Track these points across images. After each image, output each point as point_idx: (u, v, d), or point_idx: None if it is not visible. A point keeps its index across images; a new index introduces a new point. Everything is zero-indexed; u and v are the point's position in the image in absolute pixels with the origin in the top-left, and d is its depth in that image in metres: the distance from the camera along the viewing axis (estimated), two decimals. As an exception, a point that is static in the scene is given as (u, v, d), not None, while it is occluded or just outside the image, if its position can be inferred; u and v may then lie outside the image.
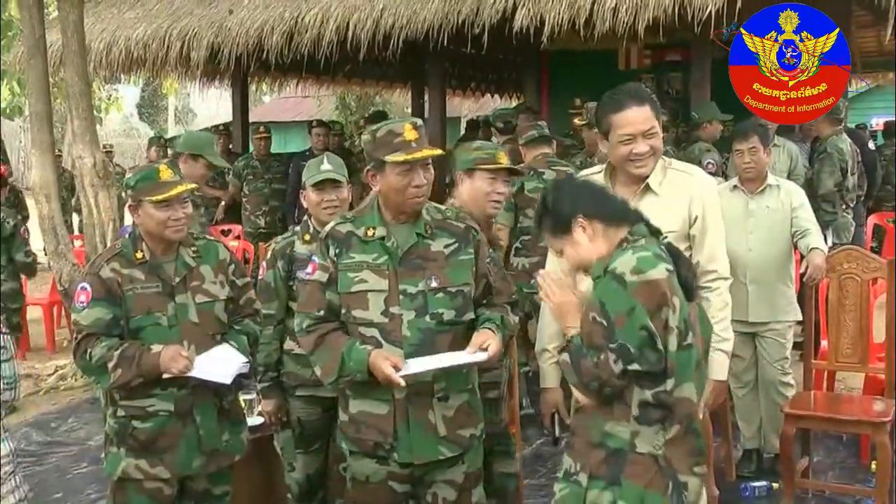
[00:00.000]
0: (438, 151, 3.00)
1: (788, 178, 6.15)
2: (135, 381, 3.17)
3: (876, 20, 8.14)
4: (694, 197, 3.20)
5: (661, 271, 2.43)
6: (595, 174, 3.36)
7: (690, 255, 3.17)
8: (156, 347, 3.17)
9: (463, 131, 12.28)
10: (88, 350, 3.20)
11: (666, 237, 2.61)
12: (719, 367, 3.25)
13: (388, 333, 2.92)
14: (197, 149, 4.92)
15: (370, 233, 2.99)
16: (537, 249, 5.47)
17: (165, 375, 3.17)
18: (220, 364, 3.28)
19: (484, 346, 2.88)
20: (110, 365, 3.15)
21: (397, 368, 2.82)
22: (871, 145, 8.87)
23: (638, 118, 3.09)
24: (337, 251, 3.00)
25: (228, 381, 3.27)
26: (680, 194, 3.19)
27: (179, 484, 3.35)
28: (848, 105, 7.82)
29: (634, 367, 2.41)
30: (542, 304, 3.12)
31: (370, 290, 2.95)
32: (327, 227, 3.10)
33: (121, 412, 3.28)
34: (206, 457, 3.34)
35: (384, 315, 2.93)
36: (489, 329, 2.96)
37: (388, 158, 2.90)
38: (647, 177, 3.18)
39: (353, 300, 2.97)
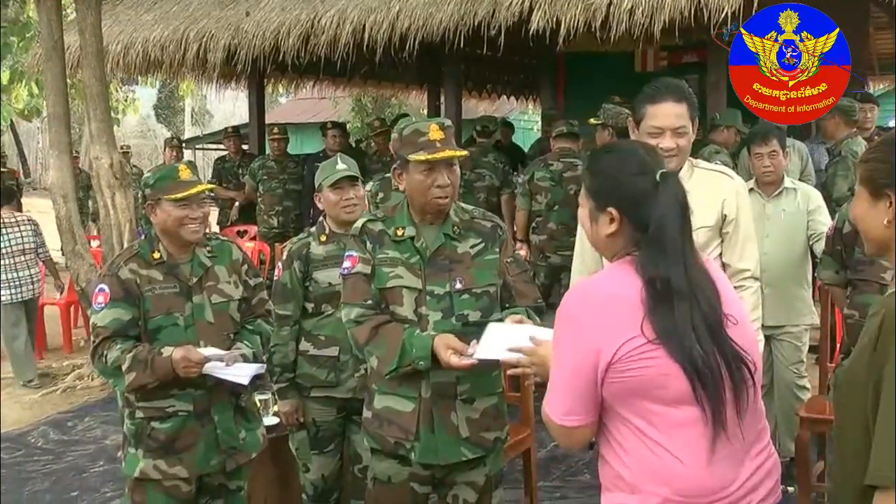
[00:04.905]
0: (463, 153, 2.97)
1: (800, 178, 6.12)
2: (151, 385, 3.19)
3: (893, 21, 8.10)
4: (728, 197, 3.18)
5: None
6: None
7: (721, 254, 3.18)
8: (166, 351, 3.16)
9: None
10: (105, 353, 3.20)
11: None
12: None
13: None
14: None
15: (400, 232, 2.99)
16: (545, 229, 6.93)
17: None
18: (238, 367, 3.27)
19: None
20: (124, 367, 3.15)
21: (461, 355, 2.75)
22: None
23: (672, 113, 3.06)
24: (372, 246, 3.00)
25: (246, 381, 3.27)
26: (712, 192, 3.16)
27: (197, 481, 3.37)
28: (873, 108, 7.65)
29: None
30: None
31: (405, 287, 2.95)
32: (358, 224, 3.09)
33: (139, 413, 3.29)
34: (224, 455, 3.36)
35: (415, 314, 2.93)
36: (517, 313, 2.89)
37: (412, 157, 2.90)
38: None
39: (390, 295, 2.97)
